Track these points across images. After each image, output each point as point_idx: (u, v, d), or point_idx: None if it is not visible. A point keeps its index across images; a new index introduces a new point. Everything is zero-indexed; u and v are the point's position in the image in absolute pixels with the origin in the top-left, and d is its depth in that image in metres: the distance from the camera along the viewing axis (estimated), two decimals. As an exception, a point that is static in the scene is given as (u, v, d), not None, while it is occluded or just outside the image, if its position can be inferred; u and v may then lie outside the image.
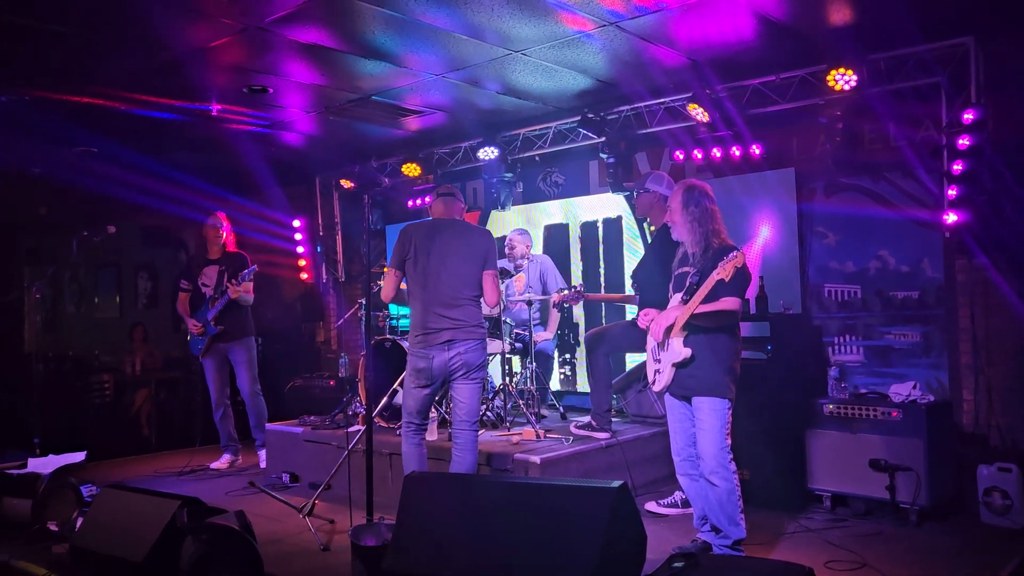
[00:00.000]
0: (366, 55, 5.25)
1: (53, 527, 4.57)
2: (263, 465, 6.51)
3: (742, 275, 3.73)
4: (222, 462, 6.62)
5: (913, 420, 4.65)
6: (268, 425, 6.49)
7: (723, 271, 3.62)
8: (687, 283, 3.90)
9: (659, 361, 4.04)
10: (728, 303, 3.75)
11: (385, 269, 7.15)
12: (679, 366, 3.90)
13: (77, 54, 5.06)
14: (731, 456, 3.84)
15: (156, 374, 8.80)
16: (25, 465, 4.97)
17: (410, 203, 8.16)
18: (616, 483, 2.44)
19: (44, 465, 4.91)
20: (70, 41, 4.82)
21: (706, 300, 3.75)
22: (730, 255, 3.62)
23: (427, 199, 8.00)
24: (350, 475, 4.93)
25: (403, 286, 4.58)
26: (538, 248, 7.31)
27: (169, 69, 5.36)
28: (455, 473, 2.64)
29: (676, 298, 3.95)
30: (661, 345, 3.99)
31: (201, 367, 6.58)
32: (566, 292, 5.67)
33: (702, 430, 3.86)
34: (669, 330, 3.90)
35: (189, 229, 9.32)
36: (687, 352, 3.85)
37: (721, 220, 3.98)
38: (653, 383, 4.13)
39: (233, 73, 5.53)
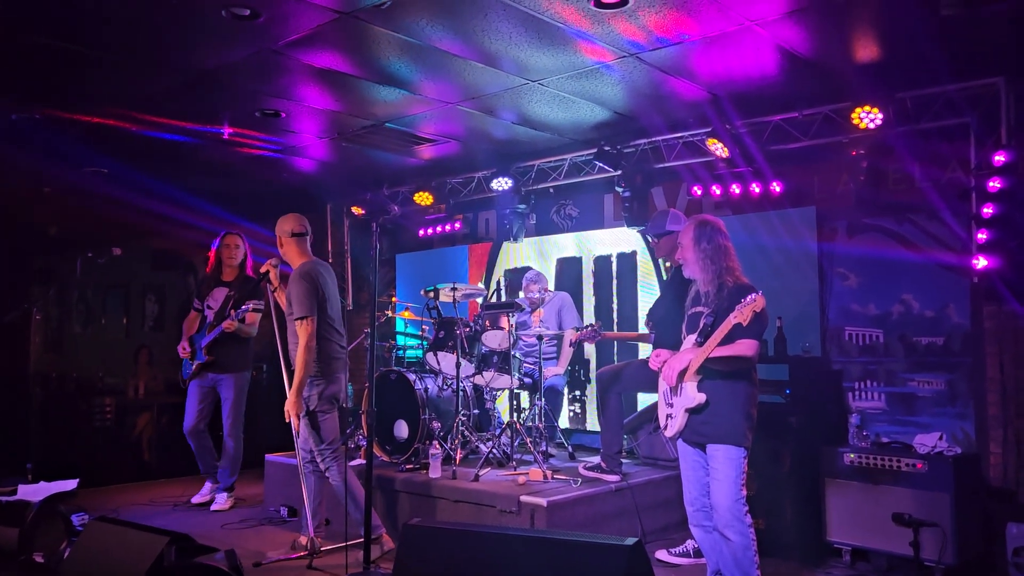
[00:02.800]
0: (381, 81, 5.17)
1: (39, 558, 4.40)
2: (215, 507, 6.04)
3: (760, 318, 3.56)
4: (203, 494, 6.21)
5: (940, 473, 4.44)
6: (268, 456, 6.30)
7: (741, 315, 3.45)
8: (701, 324, 3.73)
9: (671, 405, 3.87)
10: (745, 347, 3.58)
11: (393, 299, 7.07)
12: (693, 412, 3.73)
13: (90, 74, 5.01)
14: (747, 508, 3.64)
15: (159, 398, 8.63)
16: (15, 492, 4.82)
17: (421, 232, 8.06)
18: (630, 540, 2.27)
19: (34, 492, 4.76)
20: (83, 61, 4.77)
21: (722, 343, 3.58)
22: (748, 298, 3.45)
23: (439, 228, 7.90)
24: (347, 511, 4.75)
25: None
26: (550, 282, 7.16)
27: (182, 91, 5.29)
28: (457, 525, 2.48)
29: (690, 340, 3.78)
30: (674, 389, 3.82)
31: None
32: (583, 331, 5.51)
33: (716, 480, 3.67)
34: (683, 374, 3.73)
35: (199, 253, 9.22)
36: (701, 398, 3.67)
37: (735, 257, 3.82)
38: (665, 428, 3.95)
39: (245, 97, 5.46)
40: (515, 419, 5.62)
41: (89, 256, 5.96)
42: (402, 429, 5.71)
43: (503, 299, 6.20)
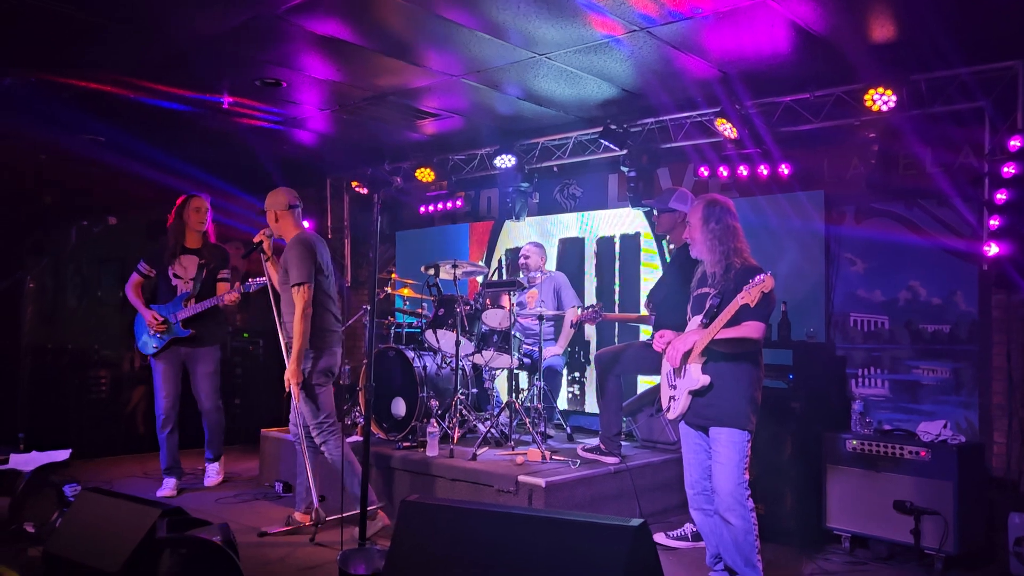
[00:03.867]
0: (384, 51, 5.05)
1: (30, 528, 4.35)
2: (208, 482, 5.87)
3: (768, 300, 3.48)
4: (168, 488, 5.69)
5: (943, 462, 4.38)
6: (264, 431, 6.24)
7: (748, 295, 3.37)
8: (707, 305, 3.65)
9: (675, 387, 3.80)
10: (751, 328, 3.51)
11: (393, 276, 6.99)
12: (696, 394, 3.66)
13: (87, 38, 4.89)
14: (748, 492, 3.59)
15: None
16: (7, 461, 4.75)
17: (422, 209, 7.96)
18: (635, 521, 2.20)
19: (26, 462, 4.68)
20: (80, 25, 4.65)
21: (728, 324, 3.50)
22: (756, 279, 3.37)
23: (440, 205, 7.80)
24: (343, 487, 4.70)
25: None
26: (552, 262, 7.08)
27: (180, 57, 5.18)
28: (457, 502, 2.42)
29: (695, 321, 3.71)
30: (678, 371, 3.75)
31: (150, 368, 5.73)
32: (585, 311, 5.43)
33: (718, 463, 3.61)
34: (687, 355, 3.65)
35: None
36: (705, 380, 3.61)
37: (744, 238, 3.74)
38: (667, 410, 3.88)
39: (245, 64, 5.34)
40: (514, 399, 5.54)
41: (84, 225, 5.83)
42: (400, 407, 5.65)
43: (504, 277, 6.11)
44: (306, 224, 8.31)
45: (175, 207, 5.78)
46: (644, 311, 5.48)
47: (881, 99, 4.83)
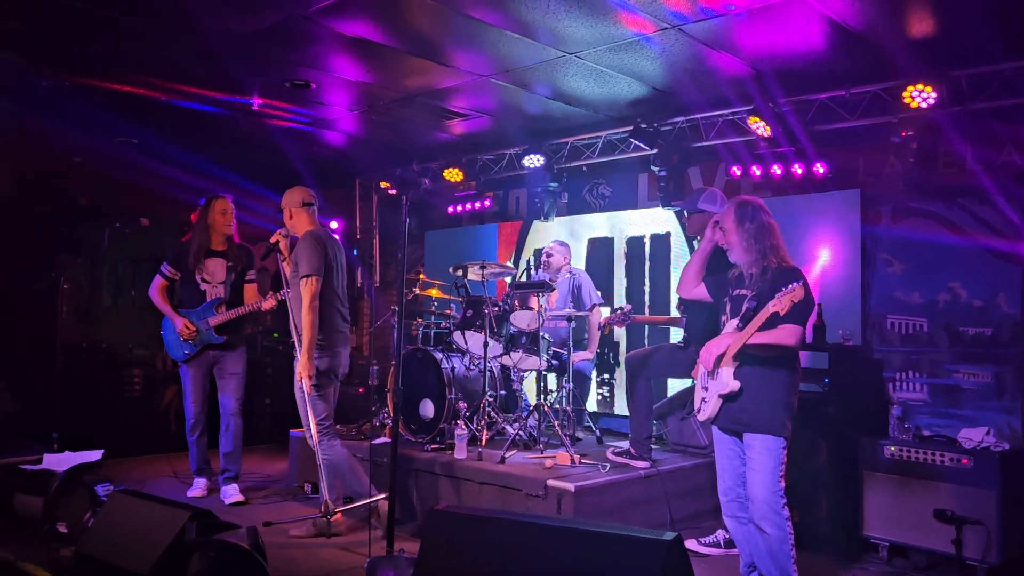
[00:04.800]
0: (413, 52, 5.03)
1: (63, 528, 4.39)
2: (228, 500, 5.45)
3: (804, 304, 3.39)
4: (199, 489, 5.62)
5: (986, 469, 4.25)
6: (292, 432, 6.25)
7: (779, 304, 3.29)
8: (743, 308, 3.57)
9: (706, 389, 3.72)
10: (786, 333, 3.41)
11: (421, 276, 6.97)
12: (727, 398, 3.59)
13: (120, 40, 4.93)
14: (784, 500, 3.50)
15: (183, 372, 8.66)
16: (40, 461, 4.80)
17: (450, 209, 7.94)
18: (669, 535, 2.14)
19: (59, 462, 4.73)
20: (114, 26, 4.68)
21: (763, 328, 3.42)
22: (788, 287, 3.28)
23: (468, 205, 7.78)
24: (371, 489, 4.68)
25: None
26: (580, 262, 7.02)
27: (210, 59, 5.20)
28: (485, 512, 2.37)
29: (731, 324, 3.62)
30: (711, 373, 3.67)
31: (178, 374, 5.63)
32: (614, 313, 5.36)
33: (753, 470, 3.52)
34: (720, 358, 3.57)
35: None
36: (735, 385, 3.53)
37: (780, 236, 3.65)
38: (698, 411, 3.81)
39: (275, 66, 5.36)
40: (543, 401, 5.49)
41: (117, 226, 5.86)
42: (427, 408, 5.62)
43: (532, 278, 6.06)
44: (335, 224, 8.41)
45: (198, 208, 5.66)
46: (675, 312, 5.39)
47: (920, 96, 4.71)
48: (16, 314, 7.09)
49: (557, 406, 5.72)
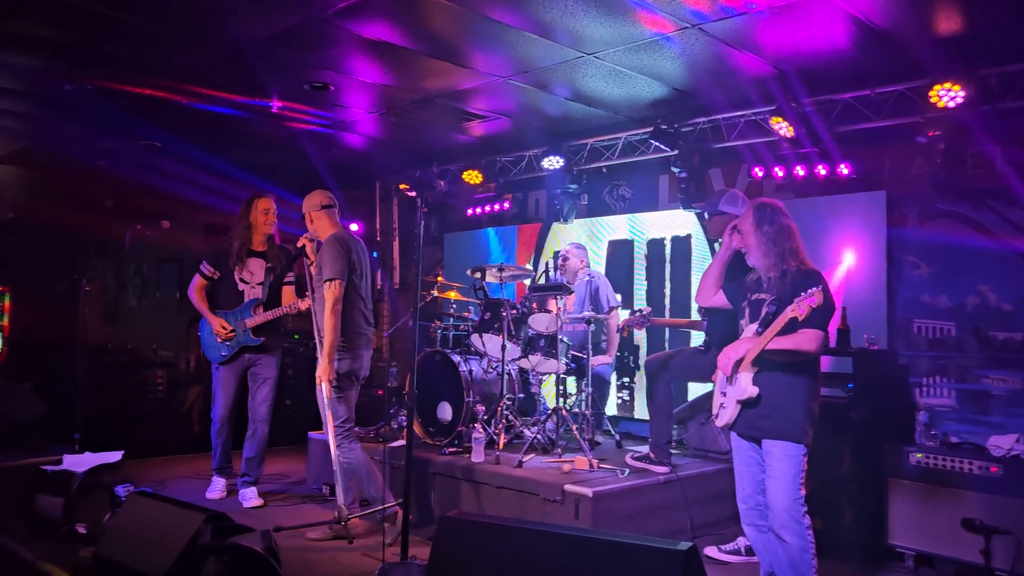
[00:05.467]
0: (431, 53, 5.01)
1: (82, 529, 4.41)
2: (247, 504, 5.37)
3: (824, 309, 3.31)
4: (218, 489, 5.58)
5: (1016, 478, 4.14)
6: (311, 434, 6.26)
7: (797, 309, 3.22)
8: (762, 312, 3.51)
9: (724, 395, 3.66)
10: (807, 338, 3.34)
11: (440, 279, 6.95)
12: (745, 404, 3.52)
13: (141, 44, 4.96)
14: (805, 509, 3.42)
15: (210, 372, 8.70)
16: (61, 462, 4.84)
17: (469, 211, 7.92)
18: (684, 545, 2.09)
19: (79, 463, 4.76)
20: (135, 30, 4.71)
21: (782, 333, 3.35)
22: (807, 292, 3.21)
23: (488, 207, 7.75)
24: (386, 490, 4.65)
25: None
26: (600, 264, 6.96)
27: (230, 62, 5.22)
28: (497, 519, 2.33)
29: (751, 329, 3.55)
30: (729, 379, 3.60)
31: (207, 369, 5.52)
32: (633, 315, 5.31)
33: (773, 477, 3.45)
34: (739, 363, 3.51)
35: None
36: (753, 391, 3.46)
37: (799, 238, 3.58)
38: (716, 416, 3.74)
39: (294, 68, 5.36)
40: (561, 405, 5.44)
41: (138, 228, 5.89)
42: (445, 411, 5.60)
43: (551, 281, 6.02)
44: (355, 227, 8.42)
45: (241, 207, 5.54)
46: (695, 315, 5.31)
47: (948, 95, 4.60)
48: (41, 316, 7.19)
49: (576, 410, 5.67)
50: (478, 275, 5.82)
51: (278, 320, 5.51)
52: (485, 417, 5.46)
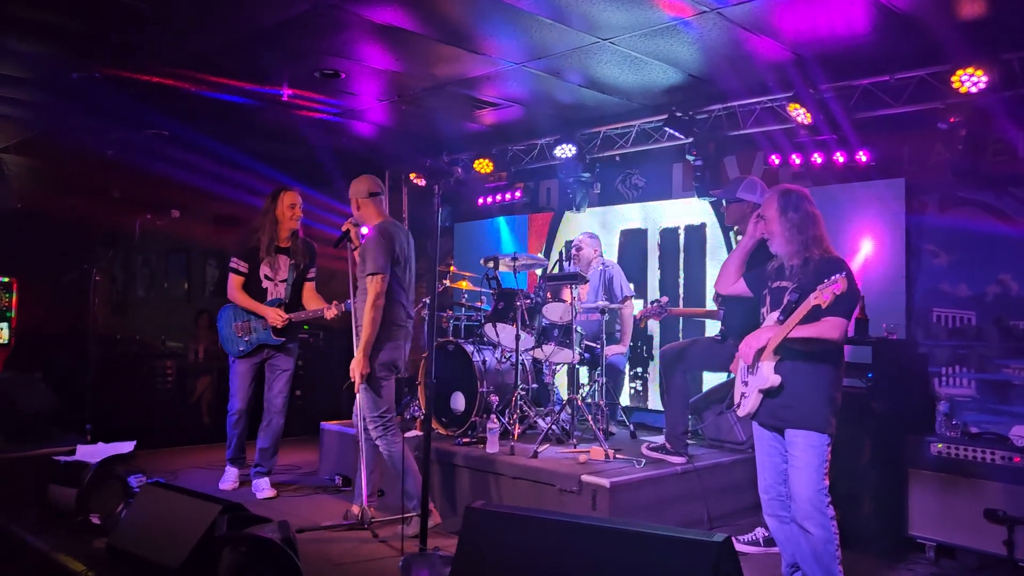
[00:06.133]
0: (443, 39, 4.94)
1: (96, 520, 4.39)
2: (260, 495, 5.32)
3: (848, 297, 3.25)
4: (231, 479, 5.56)
5: (1039, 468, 4.08)
6: (323, 424, 6.23)
7: (820, 296, 3.16)
8: (784, 301, 3.45)
9: (746, 384, 3.60)
10: (830, 326, 3.28)
11: (452, 269, 6.91)
12: (767, 394, 3.46)
13: (149, 31, 4.91)
14: (829, 499, 3.38)
15: (219, 362, 8.66)
16: (74, 452, 4.82)
17: (480, 201, 7.86)
18: (719, 536, 2.04)
19: (92, 454, 4.74)
20: (142, 17, 4.65)
21: (804, 321, 3.29)
22: (831, 279, 3.15)
23: (499, 197, 7.68)
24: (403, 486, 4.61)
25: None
26: (613, 254, 6.90)
27: (240, 50, 5.16)
28: (523, 510, 2.28)
29: (772, 317, 3.50)
30: (751, 368, 3.55)
31: (217, 359, 5.47)
32: (650, 306, 5.25)
33: (796, 468, 3.40)
34: (760, 352, 3.45)
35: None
36: (776, 380, 3.40)
37: (823, 226, 3.52)
38: (738, 406, 3.69)
39: (304, 56, 5.30)
40: (576, 396, 5.40)
41: (148, 218, 5.84)
42: (459, 402, 5.56)
43: (565, 270, 5.97)
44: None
45: (265, 201, 5.39)
46: (711, 305, 5.26)
47: (970, 80, 4.52)
48: (49, 306, 7.17)
49: (589, 400, 5.62)
50: (491, 264, 5.77)
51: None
52: (499, 407, 5.41)
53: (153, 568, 3.48)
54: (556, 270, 5.81)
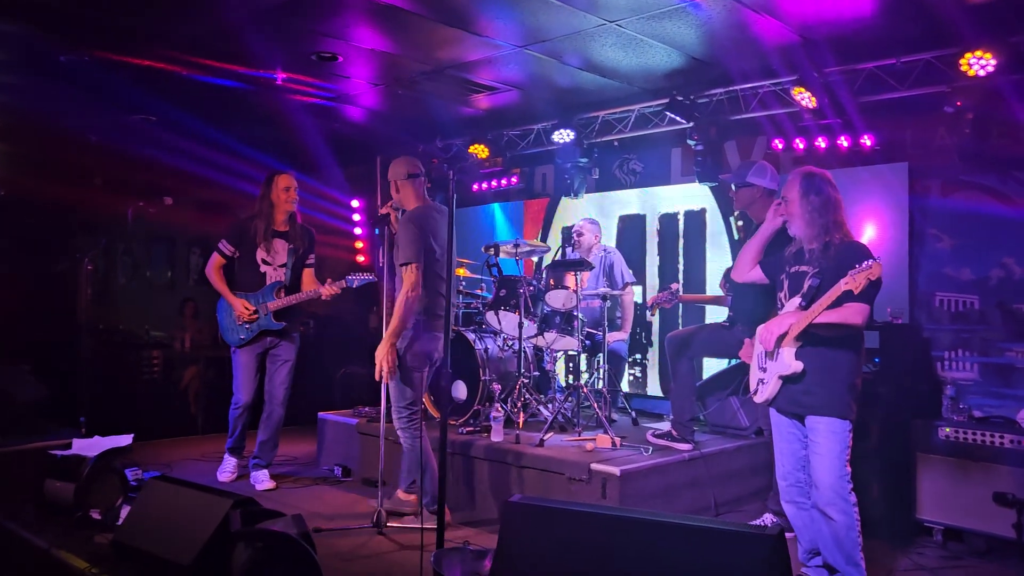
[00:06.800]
0: (443, 20, 4.83)
1: (96, 515, 4.28)
2: (259, 487, 5.23)
3: (875, 282, 3.22)
4: (229, 469, 5.48)
5: (1049, 451, 4.10)
6: (321, 414, 6.14)
7: (853, 281, 3.12)
8: (805, 286, 3.42)
9: (764, 370, 3.57)
10: (854, 312, 3.26)
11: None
12: (787, 380, 3.43)
13: (142, 12, 4.75)
14: (851, 485, 3.37)
15: (205, 352, 8.52)
16: (70, 446, 4.69)
17: (475, 187, 7.76)
18: (772, 529, 1.99)
19: (89, 447, 4.61)
20: (135, -2, 4.52)
21: (830, 307, 3.26)
22: (864, 264, 3.11)
23: (494, 182, 7.59)
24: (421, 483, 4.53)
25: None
26: (611, 240, 6.85)
27: (234, 31, 5.01)
28: (565, 503, 2.23)
29: (793, 302, 3.46)
30: (770, 354, 3.51)
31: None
32: (662, 293, 5.21)
33: (818, 454, 3.38)
34: (781, 338, 3.42)
35: (246, 204, 8.99)
36: (798, 366, 3.37)
37: (844, 211, 3.49)
38: (755, 393, 3.66)
39: (301, 37, 5.17)
40: (581, 383, 5.35)
41: (141, 205, 5.67)
42: (460, 390, 5.48)
43: (567, 256, 5.90)
44: (356, 203, 8.25)
45: (261, 186, 5.30)
46: (718, 291, 5.22)
47: (979, 63, 4.51)
48: (36, 296, 6.97)
49: (590, 387, 5.58)
50: (492, 251, 5.69)
51: (299, 303, 5.32)
52: (502, 396, 5.36)
53: (163, 565, 3.38)
54: (558, 256, 5.74)
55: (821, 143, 5.34)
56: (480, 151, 7.11)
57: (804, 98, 5.17)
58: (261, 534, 3.14)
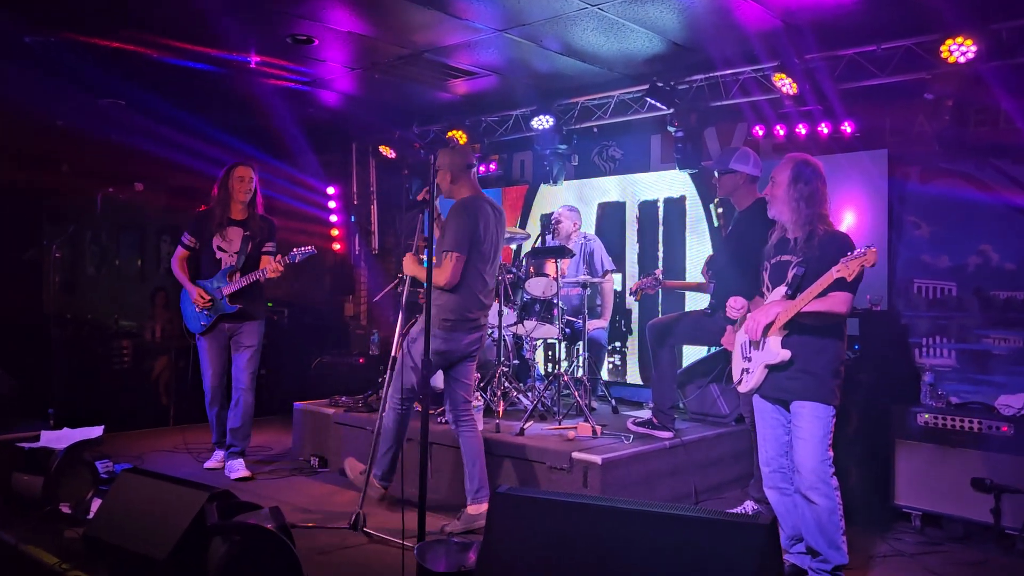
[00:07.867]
0: (422, 2, 4.73)
1: (66, 509, 4.17)
2: (234, 476, 5.20)
3: (861, 272, 3.22)
4: (217, 460, 5.49)
5: (1027, 437, 4.14)
6: (297, 404, 6.05)
7: (846, 269, 3.12)
8: (789, 275, 3.40)
9: (749, 359, 3.56)
10: (839, 301, 3.25)
11: (422, 244, 6.72)
12: (774, 368, 3.42)
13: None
14: (833, 470, 3.37)
15: (176, 342, 8.35)
16: (38, 438, 4.56)
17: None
18: (764, 519, 1.96)
19: (58, 439, 4.49)
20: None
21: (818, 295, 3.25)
22: (858, 252, 3.11)
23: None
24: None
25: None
26: (591, 227, 6.81)
27: (207, 11, 4.87)
28: (554, 495, 2.18)
29: (778, 292, 3.44)
30: (755, 343, 3.49)
31: (195, 347, 5.39)
32: (645, 279, 5.18)
33: (801, 439, 3.38)
34: (767, 328, 3.40)
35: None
36: (785, 355, 3.36)
37: (828, 205, 3.49)
38: (739, 383, 3.64)
39: (276, 18, 5.04)
40: (562, 371, 5.31)
41: (111, 191, 5.54)
42: (438, 379, 5.41)
43: (548, 244, 5.85)
44: (331, 190, 8.11)
45: (220, 176, 5.35)
46: (702, 278, 5.19)
47: (959, 50, 4.51)
48: (2, 285, 6.78)
49: (569, 375, 5.54)
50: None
51: (258, 287, 5.33)
52: (481, 384, 5.30)
53: (136, 560, 3.29)
54: (538, 244, 5.68)
55: (802, 130, 5.33)
56: (459, 137, 7.02)
57: (785, 84, 5.15)
58: (238, 527, 3.06)
